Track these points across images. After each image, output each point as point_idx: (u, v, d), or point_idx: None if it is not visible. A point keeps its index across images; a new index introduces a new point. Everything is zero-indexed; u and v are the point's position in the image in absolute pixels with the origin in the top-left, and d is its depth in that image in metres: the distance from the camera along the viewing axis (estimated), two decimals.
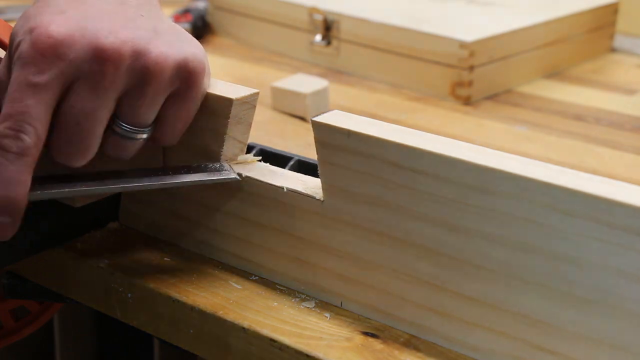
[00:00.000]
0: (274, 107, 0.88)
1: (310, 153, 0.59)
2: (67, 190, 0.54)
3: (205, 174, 0.56)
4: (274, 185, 0.56)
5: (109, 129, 0.54)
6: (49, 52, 0.50)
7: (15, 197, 0.50)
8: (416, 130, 0.50)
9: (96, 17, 0.52)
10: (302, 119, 0.86)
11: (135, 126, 0.54)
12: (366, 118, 0.52)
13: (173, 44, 0.54)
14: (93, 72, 0.51)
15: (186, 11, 1.13)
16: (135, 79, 0.52)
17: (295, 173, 0.57)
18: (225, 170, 0.57)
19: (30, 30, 0.51)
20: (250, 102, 0.57)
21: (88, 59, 0.51)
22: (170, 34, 0.55)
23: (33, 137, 0.50)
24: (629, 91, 0.96)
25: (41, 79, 0.50)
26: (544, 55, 0.99)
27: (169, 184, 0.55)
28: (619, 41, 1.10)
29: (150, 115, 0.54)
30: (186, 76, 0.54)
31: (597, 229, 0.44)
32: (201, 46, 0.56)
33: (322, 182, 0.53)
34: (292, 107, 0.87)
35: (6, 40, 0.58)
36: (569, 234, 0.45)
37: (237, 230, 0.59)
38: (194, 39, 0.57)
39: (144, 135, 0.55)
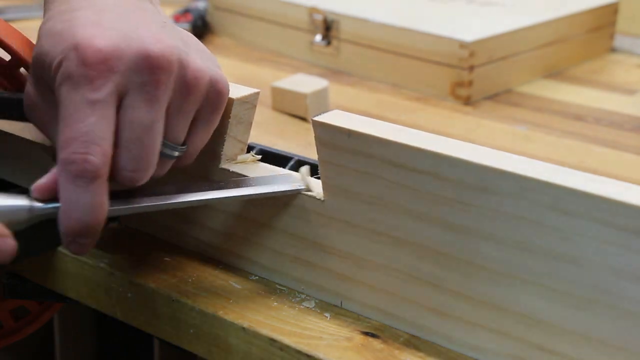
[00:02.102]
0: (274, 107, 0.88)
1: (310, 153, 0.59)
2: (149, 205, 0.52)
3: (276, 185, 0.55)
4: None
5: None
6: (100, 66, 0.48)
7: (94, 222, 0.48)
8: (416, 130, 0.50)
9: (134, 27, 0.50)
10: (302, 119, 0.86)
11: (173, 143, 0.52)
12: (366, 118, 0.52)
13: (204, 59, 0.53)
14: (145, 83, 0.49)
15: (186, 11, 1.13)
16: (177, 91, 0.51)
17: (296, 173, 0.57)
18: (294, 181, 0.55)
19: (74, 47, 0.48)
20: (250, 102, 0.57)
21: (139, 69, 0.49)
22: (194, 46, 0.53)
23: (101, 157, 0.48)
24: (629, 91, 0.96)
25: (99, 95, 0.48)
26: (544, 55, 0.99)
27: (241, 197, 0.54)
28: (619, 41, 1.10)
29: (185, 131, 0.53)
30: (214, 96, 0.53)
31: (597, 229, 0.44)
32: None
33: (323, 182, 0.53)
34: (292, 107, 0.87)
35: (7, 40, 0.57)
36: (569, 234, 0.45)
37: (237, 230, 0.59)
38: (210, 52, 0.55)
39: (180, 154, 0.53)
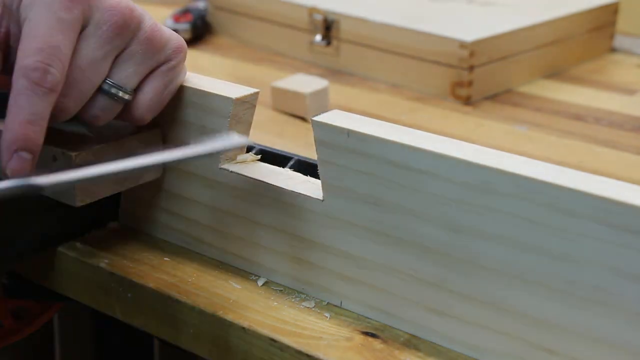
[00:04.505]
0: (274, 107, 0.88)
1: (310, 153, 0.59)
2: (80, 174, 0.50)
3: (210, 143, 0.54)
4: (274, 185, 0.56)
5: None
6: None
7: (38, 134, 0.50)
8: (416, 130, 0.50)
9: None
10: (302, 119, 0.86)
11: (120, 85, 0.54)
12: (366, 118, 0.52)
13: (158, 22, 0.56)
14: (105, 22, 0.52)
15: (186, 11, 1.13)
16: (134, 42, 0.54)
17: (295, 173, 0.57)
18: (232, 137, 0.55)
19: None
20: (250, 102, 0.57)
21: (105, 7, 0.52)
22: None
23: (61, 72, 0.50)
24: (629, 91, 0.96)
25: (69, 15, 0.51)
26: (544, 55, 0.99)
27: (179, 158, 0.53)
28: (619, 41, 1.10)
29: (135, 78, 0.55)
30: (173, 54, 0.56)
31: (597, 229, 0.44)
32: None
33: (322, 182, 0.53)
34: (292, 107, 0.87)
35: None
36: (569, 234, 0.45)
37: (237, 230, 0.59)
38: None
39: (125, 97, 0.55)
